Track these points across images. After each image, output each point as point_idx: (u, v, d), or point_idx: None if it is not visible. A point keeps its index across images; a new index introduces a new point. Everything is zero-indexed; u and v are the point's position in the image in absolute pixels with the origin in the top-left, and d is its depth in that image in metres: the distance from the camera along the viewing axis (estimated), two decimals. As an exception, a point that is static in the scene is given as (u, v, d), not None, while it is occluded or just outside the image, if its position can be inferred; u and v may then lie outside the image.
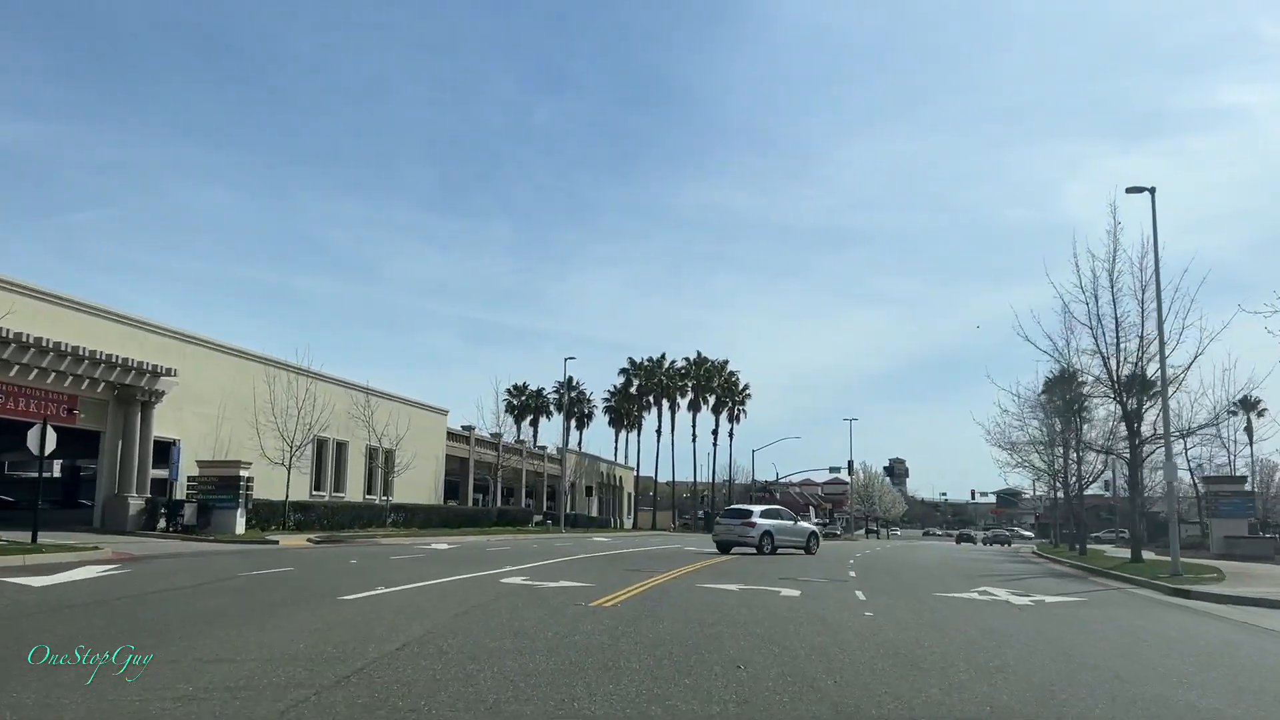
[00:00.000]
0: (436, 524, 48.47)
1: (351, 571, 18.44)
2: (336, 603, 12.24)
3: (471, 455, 59.31)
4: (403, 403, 49.99)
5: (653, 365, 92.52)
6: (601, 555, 27.55)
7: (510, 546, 32.24)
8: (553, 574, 18.47)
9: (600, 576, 18.17)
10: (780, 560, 27.86)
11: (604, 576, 18.27)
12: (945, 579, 21.16)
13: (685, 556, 28.16)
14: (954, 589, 17.87)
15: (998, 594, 16.94)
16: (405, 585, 14.99)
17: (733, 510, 35.79)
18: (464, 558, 24.48)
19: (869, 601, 14.63)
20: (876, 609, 13.40)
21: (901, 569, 25.32)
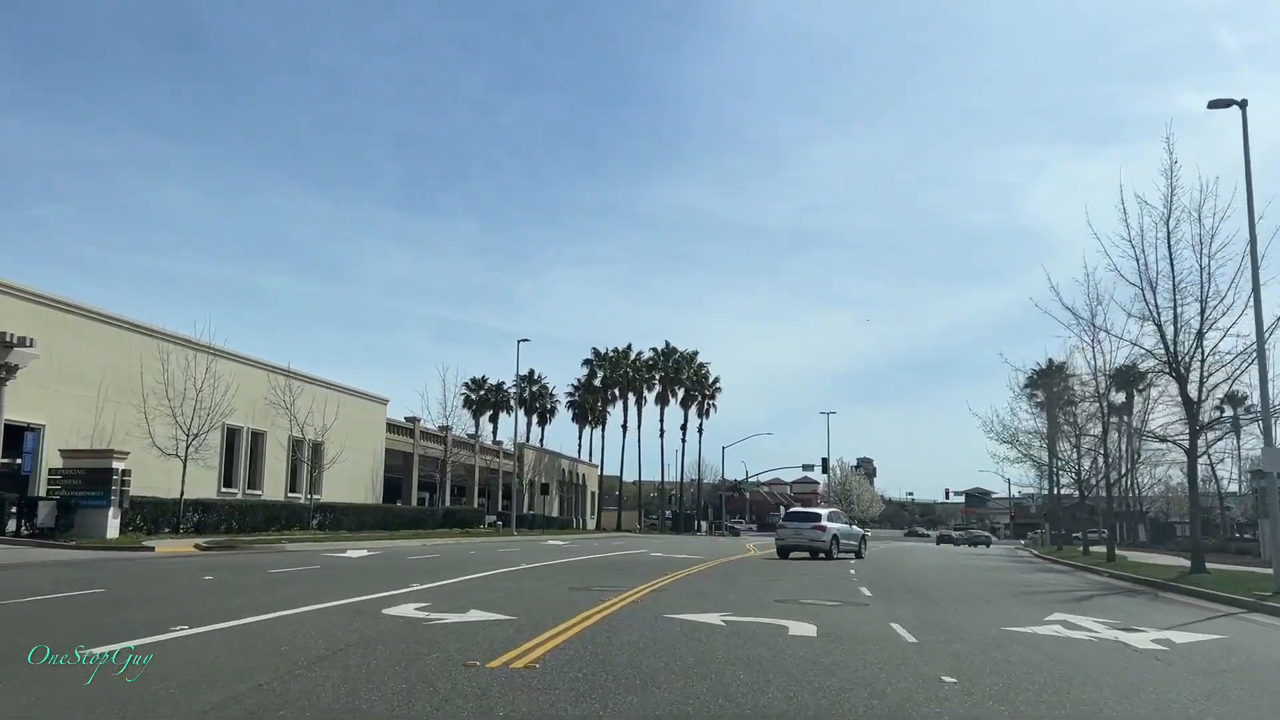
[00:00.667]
0: (371, 526, 43.04)
1: (179, 596, 13.19)
2: (42, 672, 6.98)
3: (416, 450, 53.81)
4: (333, 389, 44.43)
5: (618, 356, 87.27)
6: (548, 565, 22.41)
7: (441, 554, 26.99)
8: (466, 598, 13.33)
9: (532, 602, 13.07)
10: (768, 571, 22.88)
11: (537, 602, 13.17)
12: (991, 600, 16.29)
13: (649, 566, 23.10)
14: (1019, 618, 12.96)
15: (1087, 626, 12.06)
16: (222, 623, 9.80)
17: (800, 514, 34.41)
18: (369, 570, 19.25)
19: (924, 646, 9.67)
20: (947, 664, 8.42)
21: (919, 582, 20.47)
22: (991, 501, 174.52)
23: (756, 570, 23.04)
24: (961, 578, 22.75)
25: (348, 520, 41.59)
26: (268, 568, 19.11)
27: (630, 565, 23.44)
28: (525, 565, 21.93)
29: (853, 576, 21.57)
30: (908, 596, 16.26)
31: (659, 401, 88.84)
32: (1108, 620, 12.90)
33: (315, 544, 29.35)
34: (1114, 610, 14.85)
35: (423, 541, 35.34)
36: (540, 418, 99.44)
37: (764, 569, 23.74)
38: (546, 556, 26.89)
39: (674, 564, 24.58)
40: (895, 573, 24.15)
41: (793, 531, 31.96)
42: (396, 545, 32.13)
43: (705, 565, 24.37)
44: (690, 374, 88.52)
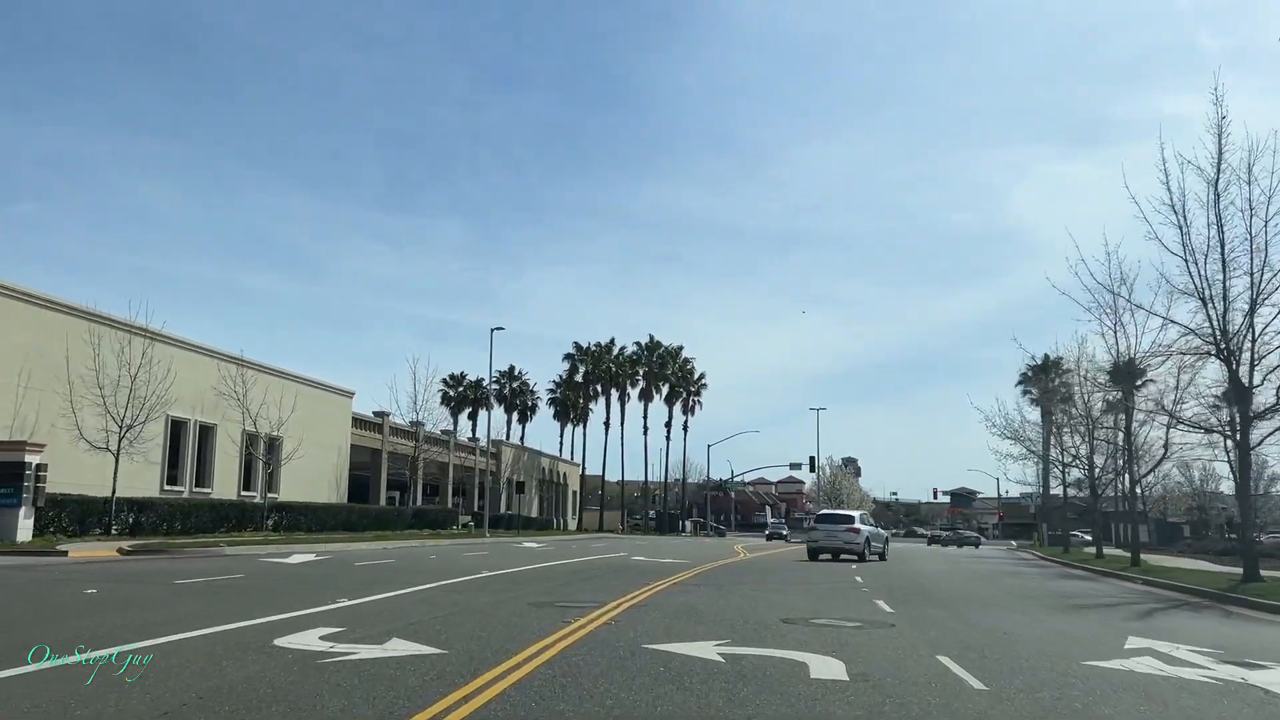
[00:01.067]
0: (333, 527, 40.09)
1: (25, 618, 10.34)
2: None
3: (385, 446, 50.86)
4: (292, 379, 41.44)
5: (601, 351, 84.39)
6: (515, 572, 19.62)
7: (397, 559, 24.15)
8: (395, 620, 10.57)
9: (476, 626, 10.32)
10: (764, 578, 20.16)
11: (483, 625, 10.42)
12: (1037, 615, 13.63)
13: (630, 573, 20.34)
14: (1093, 646, 10.32)
15: (1187, 659, 9.39)
16: (12, 669, 6.98)
17: (832, 515, 34.15)
18: (301, 580, 16.45)
19: (1000, 695, 7.00)
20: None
21: (939, 591, 17.82)
22: (977, 501, 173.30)
23: (750, 577, 20.32)
24: (984, 586, 20.10)
25: (306, 521, 38.62)
26: (179, 577, 16.22)
27: (608, 571, 20.67)
28: (487, 573, 19.14)
29: (861, 585, 18.89)
30: (935, 611, 13.57)
31: (643, 398, 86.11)
32: (1205, 649, 10.24)
33: (260, 547, 26.43)
34: (1198, 632, 12.20)
35: (384, 544, 32.45)
36: (521, 415, 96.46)
37: (758, 575, 21.04)
38: (516, 561, 24.09)
39: (657, 570, 21.83)
40: (905, 579, 21.48)
41: (825, 534, 31.53)
42: (352, 548, 29.24)
43: (692, 571, 21.63)
44: (675, 369, 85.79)
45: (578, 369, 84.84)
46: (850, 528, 31.22)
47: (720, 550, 39.61)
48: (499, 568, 20.96)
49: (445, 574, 18.59)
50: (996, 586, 20.30)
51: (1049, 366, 79.01)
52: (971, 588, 19.45)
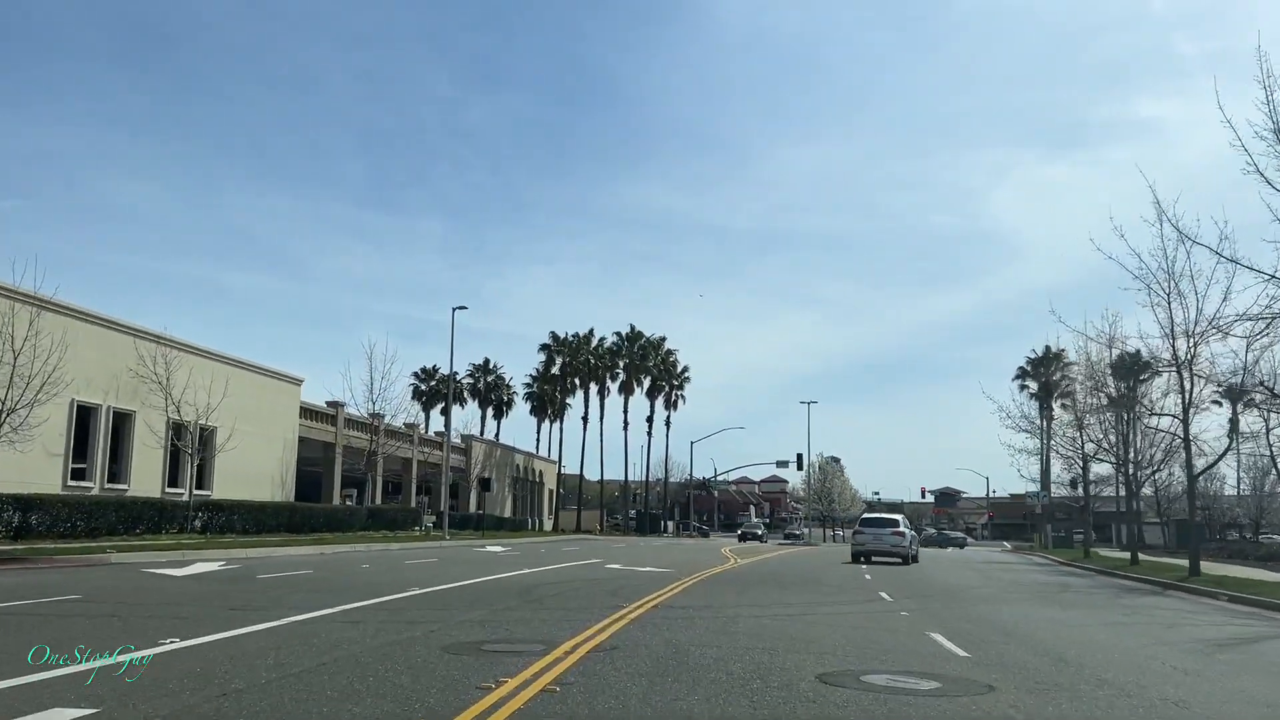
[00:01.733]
0: (273, 528, 35.76)
1: None
2: None
3: (340, 440, 46.44)
4: (226, 362, 36.97)
5: (579, 342, 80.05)
6: (451, 591, 15.45)
7: (319, 568, 19.91)
8: (201, 690, 6.37)
9: (330, 698, 6.16)
10: (771, 597, 16.02)
11: (343, 695, 6.25)
12: (1177, 664, 9.61)
13: (601, 590, 16.20)
14: None
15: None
16: None
17: (877, 519, 34.59)
18: (162, 603, 12.33)
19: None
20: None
21: (999, 617, 13.80)
22: (962, 501, 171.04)
23: (752, 593, 16.21)
24: (1025, 597, 16.08)
25: (242, 521, 34.26)
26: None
27: (572, 588, 16.52)
28: (417, 590, 14.95)
29: (891, 602, 14.86)
30: (1030, 656, 9.53)
31: (623, 391, 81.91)
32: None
33: (162, 553, 22.11)
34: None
35: (322, 549, 28.16)
36: (496, 411, 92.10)
37: (760, 589, 16.93)
38: (466, 572, 19.93)
39: (635, 583, 17.71)
40: (945, 595, 17.43)
41: (872, 537, 31.64)
42: (278, 554, 24.95)
43: (678, 585, 17.52)
44: (657, 362, 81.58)
45: (554, 361, 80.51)
46: (896, 531, 31.51)
47: (707, 555, 35.53)
48: (439, 582, 16.78)
49: (365, 591, 14.43)
50: (1051, 601, 16.32)
51: (1050, 359, 75.79)
52: (1040, 613, 15.45)
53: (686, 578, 19.94)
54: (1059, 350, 71.84)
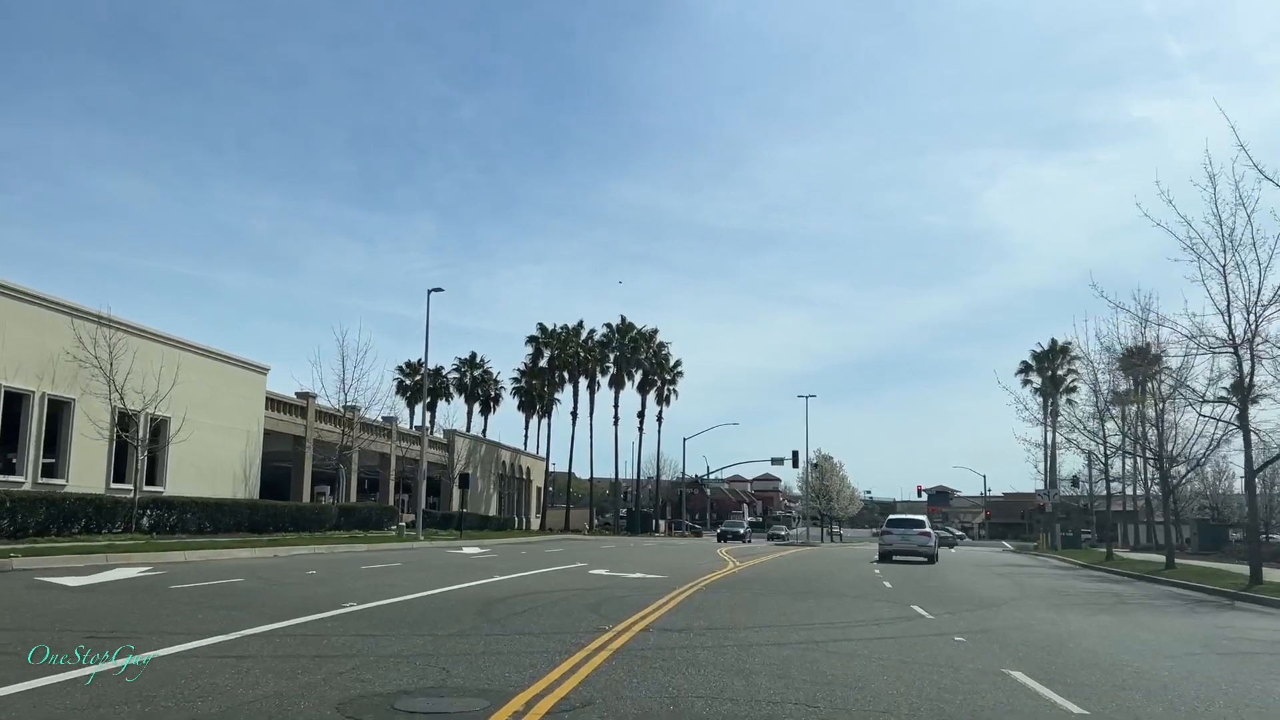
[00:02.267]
0: (232, 527, 32.88)
1: None
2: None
3: (311, 433, 43.53)
4: (179, 346, 33.96)
5: (568, 334, 77.11)
6: (395, 607, 12.67)
7: (252, 577, 17.10)
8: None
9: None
10: (785, 608, 13.27)
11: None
12: None
13: (579, 606, 13.43)
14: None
15: None
16: None
17: (903, 520, 35.23)
18: (10, 625, 9.49)
19: None
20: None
21: (1046, 626, 11.13)
22: (956, 500, 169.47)
23: (764, 611, 13.48)
24: (1118, 622, 13.37)
25: (195, 520, 31.36)
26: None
27: (546, 602, 13.76)
28: (354, 606, 12.19)
29: (936, 623, 12.15)
30: (1146, 702, 6.86)
31: (613, 385, 78.95)
32: None
33: (81, 558, 19.24)
34: None
35: (277, 551, 25.32)
36: (484, 406, 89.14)
37: (774, 606, 14.20)
38: (426, 580, 17.16)
39: (621, 596, 14.98)
40: (984, 608, 14.71)
41: (900, 537, 32.42)
42: (221, 558, 22.12)
43: (672, 598, 14.79)
44: (649, 354, 78.72)
45: (542, 353, 77.57)
46: (922, 532, 32.37)
47: (702, 557, 32.83)
48: (388, 594, 14.01)
49: (290, 607, 11.69)
50: (1133, 624, 13.62)
51: (1056, 352, 73.33)
52: (1106, 626, 12.76)
53: (681, 586, 17.21)
54: (1065, 343, 69.60)
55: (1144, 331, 27.85)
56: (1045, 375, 71.52)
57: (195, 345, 35.23)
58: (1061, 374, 69.64)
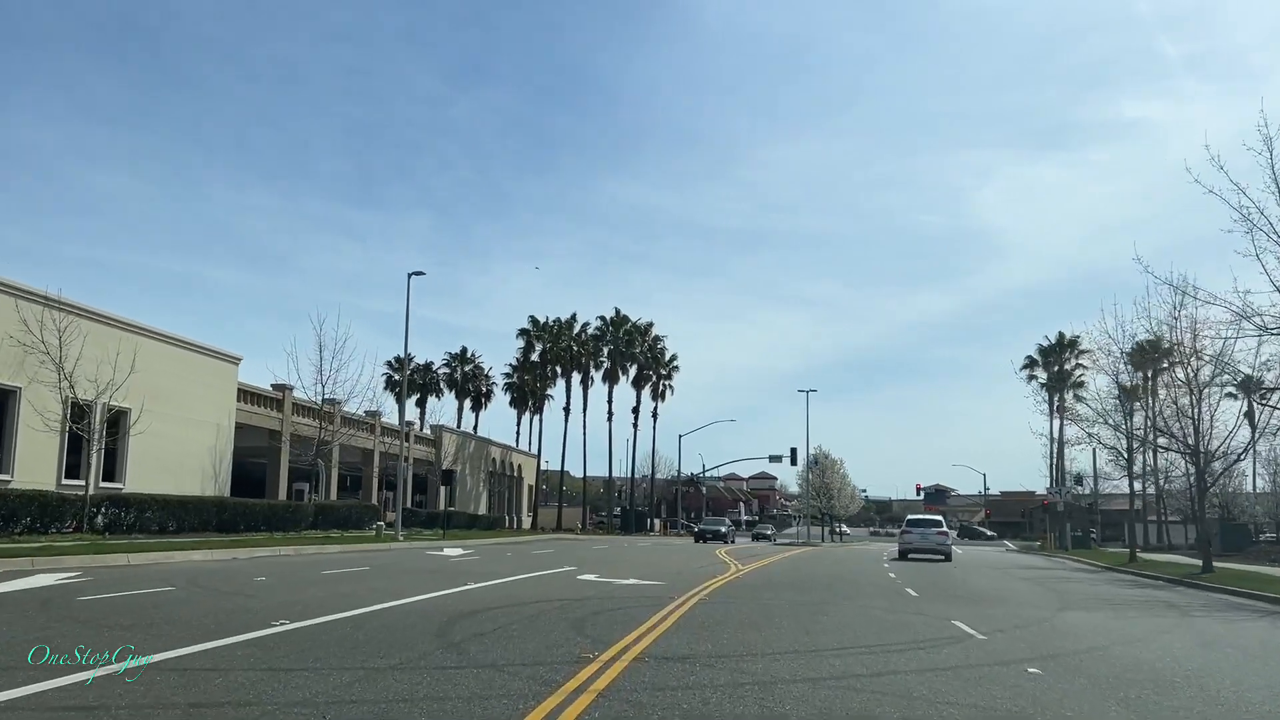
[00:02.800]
0: (197, 526, 30.75)
1: None
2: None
3: (287, 427, 41.28)
4: (138, 332, 31.67)
5: (560, 327, 74.83)
6: (322, 630, 10.46)
7: (184, 586, 14.92)
8: None
9: None
10: (808, 622, 11.10)
11: None
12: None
13: (560, 622, 11.25)
14: None
15: None
16: None
17: (922, 520, 36.94)
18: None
19: None
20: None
21: (1122, 648, 9.02)
22: (952, 498, 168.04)
23: (783, 632, 11.32)
24: (1210, 646, 11.23)
25: (157, 519, 29.22)
26: None
27: (520, 619, 11.58)
28: (284, 626, 10.02)
29: (992, 648, 10.02)
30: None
31: (607, 380, 76.73)
32: None
33: (13, 560, 17.04)
34: None
35: (236, 553, 23.11)
36: (475, 402, 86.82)
37: (793, 623, 12.03)
38: (389, 589, 14.99)
39: (611, 609, 12.83)
40: (1032, 624, 12.57)
41: (919, 536, 34.47)
42: (171, 560, 19.93)
43: (671, 614, 12.63)
44: (644, 348, 76.49)
45: (534, 347, 75.30)
46: (940, 531, 34.52)
47: (700, 558, 30.69)
48: (334, 608, 11.85)
49: (210, 628, 9.58)
50: (1234, 643, 11.48)
51: (1064, 346, 71.25)
52: (1206, 658, 10.63)
53: (681, 596, 15.05)
54: (1074, 337, 67.57)
55: (1179, 315, 25.64)
56: (1052, 370, 69.50)
57: (157, 331, 32.97)
58: (1069, 368, 67.58)
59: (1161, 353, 40.41)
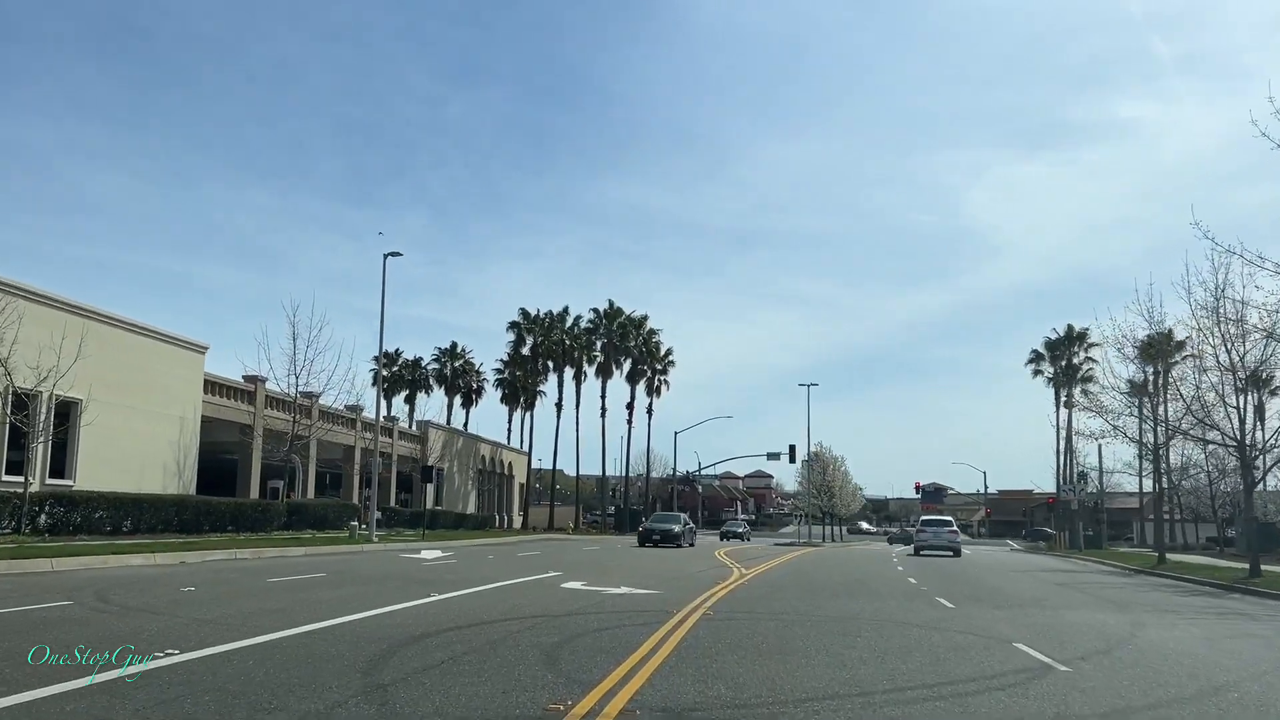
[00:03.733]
0: (155, 527, 28.43)
1: None
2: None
3: (260, 421, 38.85)
4: (89, 316, 29.16)
5: (552, 320, 72.39)
6: (205, 667, 8.12)
7: (83, 600, 12.59)
8: None
9: None
10: (836, 649, 8.81)
11: None
12: None
13: (528, 649, 8.90)
14: None
15: None
16: None
17: (935, 520, 41.04)
18: None
19: None
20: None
21: (1251, 685, 6.82)
22: (950, 497, 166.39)
23: (812, 663, 9.00)
24: None
25: (110, 519, 26.88)
26: None
27: (481, 645, 9.26)
28: (175, 657, 7.72)
29: (1081, 681, 7.71)
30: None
31: (600, 374, 74.29)
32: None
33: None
34: None
35: (186, 556, 20.76)
36: (465, 399, 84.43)
37: (820, 647, 9.72)
38: (332, 605, 12.70)
39: (596, 629, 10.55)
40: (1118, 647, 10.28)
41: (932, 534, 38.33)
42: (101, 565, 17.60)
43: (668, 641, 10.31)
44: (638, 342, 74.08)
45: (524, 340, 72.85)
46: (952, 530, 38.59)
47: (698, 561, 28.41)
48: (251, 631, 9.55)
49: (69, 666, 7.24)
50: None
51: (1073, 339, 69.09)
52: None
53: (679, 611, 12.74)
54: (1082, 329, 65.44)
55: (1221, 293, 23.31)
56: (1060, 364, 67.31)
57: (111, 315, 30.53)
58: (1078, 362, 65.43)
59: (1204, 331, 38.13)
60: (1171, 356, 37.59)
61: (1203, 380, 26.04)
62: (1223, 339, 23.53)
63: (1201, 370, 25.82)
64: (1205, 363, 25.20)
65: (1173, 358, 37.41)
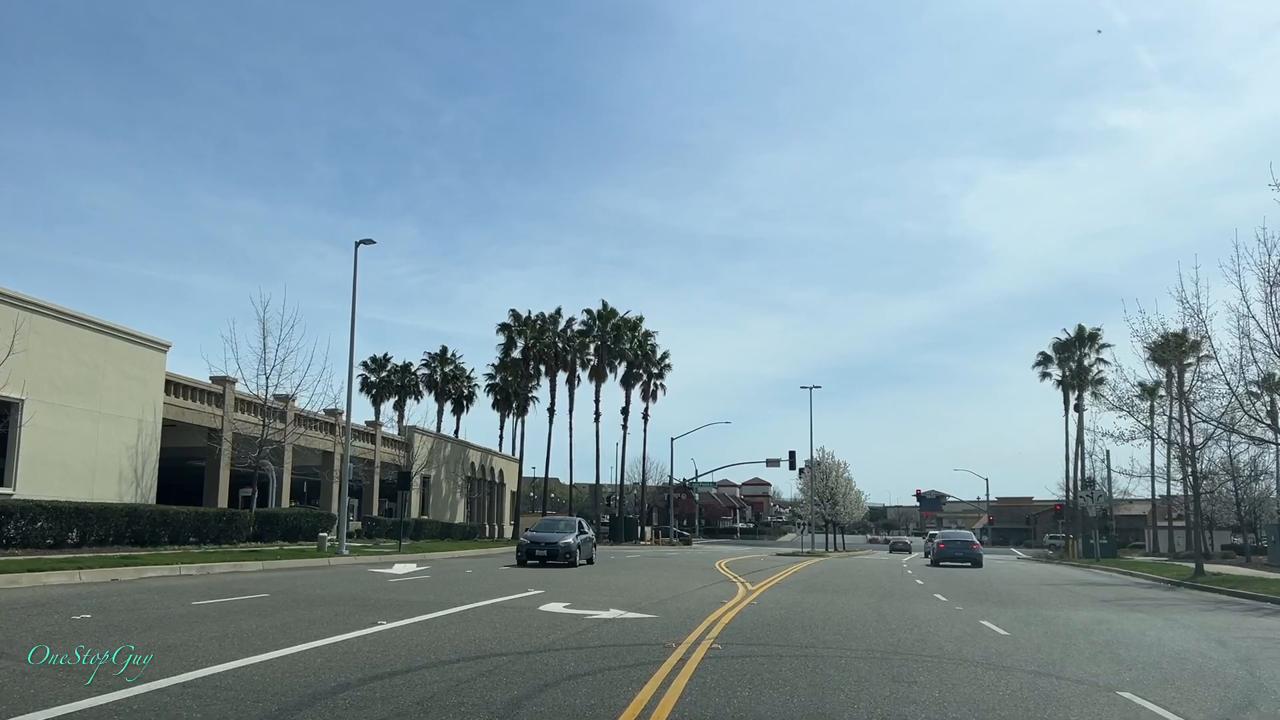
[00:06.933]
0: (105, 539, 25.99)
1: None
2: None
3: (229, 425, 36.34)
4: (28, 308, 26.65)
5: (544, 322, 69.88)
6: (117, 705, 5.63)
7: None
8: None
9: None
10: (882, 706, 6.46)
11: None
12: None
13: (470, 707, 6.45)
14: None
15: None
16: None
17: (954, 534, 43.79)
18: None
19: None
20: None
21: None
22: (949, 504, 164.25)
23: (836, 712, 6.58)
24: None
25: (49, 530, 24.34)
26: None
27: (408, 706, 6.80)
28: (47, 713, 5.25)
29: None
30: None
31: (594, 378, 71.79)
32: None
33: None
34: None
35: (119, 573, 18.30)
36: (456, 405, 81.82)
37: (866, 706, 7.32)
38: (248, 639, 10.28)
39: (567, 681, 8.12)
40: (1255, 702, 7.92)
41: (956, 546, 39.94)
42: (14, 586, 15.12)
43: (665, 697, 7.90)
44: (633, 345, 71.58)
45: (515, 343, 70.32)
46: (972, 544, 39.77)
47: (698, 574, 25.96)
48: (117, 685, 7.14)
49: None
50: None
51: (1084, 339, 66.78)
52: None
53: (680, 643, 10.32)
54: (1094, 330, 63.21)
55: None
56: (1068, 366, 65.01)
57: (55, 308, 27.98)
58: (1089, 364, 63.12)
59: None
60: (1202, 350, 35.27)
61: (1249, 369, 23.74)
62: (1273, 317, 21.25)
63: (1251, 360, 23.46)
64: (1256, 352, 22.83)
65: (1204, 350, 35.11)
